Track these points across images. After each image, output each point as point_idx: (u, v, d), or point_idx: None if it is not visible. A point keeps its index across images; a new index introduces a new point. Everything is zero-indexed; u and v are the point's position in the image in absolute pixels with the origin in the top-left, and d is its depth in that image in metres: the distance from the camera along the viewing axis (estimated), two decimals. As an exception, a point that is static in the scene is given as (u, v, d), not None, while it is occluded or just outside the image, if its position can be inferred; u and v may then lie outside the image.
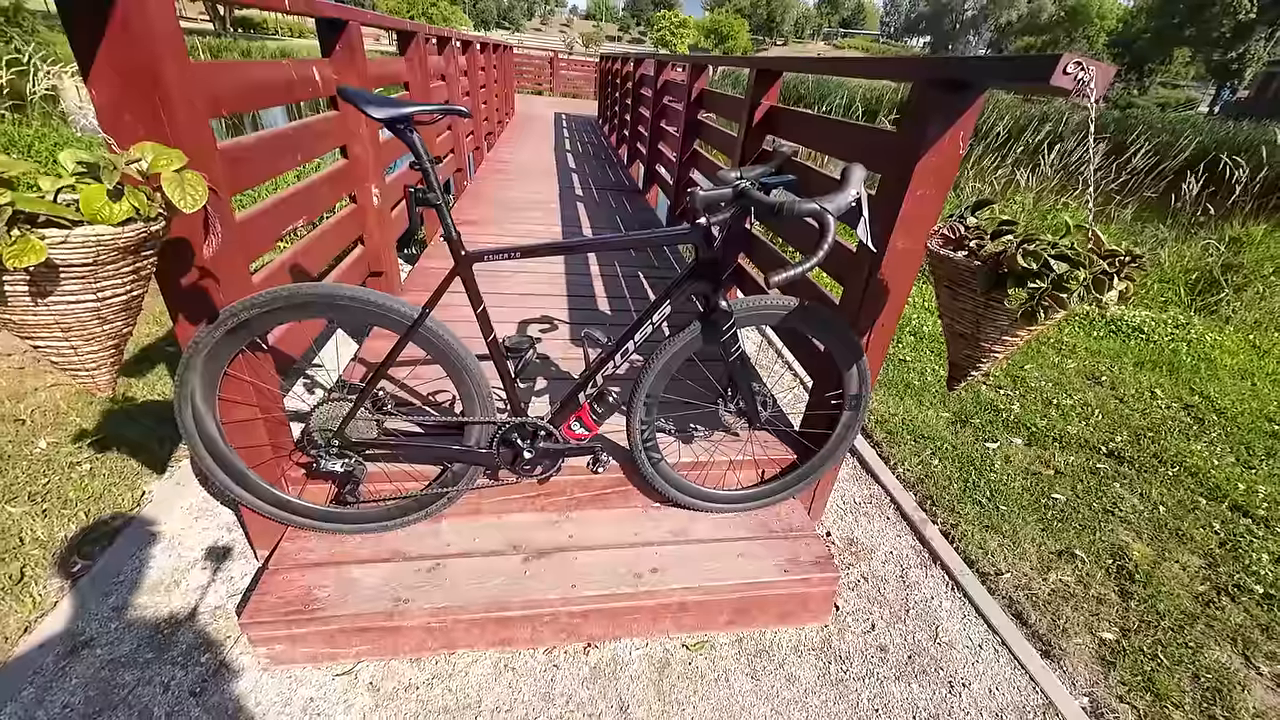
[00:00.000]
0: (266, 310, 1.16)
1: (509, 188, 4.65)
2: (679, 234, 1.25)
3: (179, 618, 1.45)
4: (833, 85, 15.34)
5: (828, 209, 1.03)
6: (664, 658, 1.47)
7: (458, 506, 1.56)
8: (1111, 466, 2.39)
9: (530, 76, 16.22)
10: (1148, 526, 2.08)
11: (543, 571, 1.44)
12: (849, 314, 1.53)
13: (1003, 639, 1.62)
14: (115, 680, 1.30)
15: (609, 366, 1.37)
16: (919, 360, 3.13)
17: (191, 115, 1.06)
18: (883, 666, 1.52)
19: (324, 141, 1.85)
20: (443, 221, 1.17)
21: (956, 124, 1.25)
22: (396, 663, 1.38)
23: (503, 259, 1.21)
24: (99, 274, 0.79)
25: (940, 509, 2.08)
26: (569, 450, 1.45)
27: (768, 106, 2.29)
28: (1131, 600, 1.77)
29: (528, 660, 1.43)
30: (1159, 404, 2.92)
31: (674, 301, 1.33)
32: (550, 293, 2.70)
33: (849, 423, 1.58)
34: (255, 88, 1.40)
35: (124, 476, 1.83)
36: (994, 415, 2.66)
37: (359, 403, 1.28)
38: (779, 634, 1.56)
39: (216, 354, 1.19)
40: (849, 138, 1.69)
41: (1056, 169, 5.74)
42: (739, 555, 1.55)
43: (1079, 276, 0.89)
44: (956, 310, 1.11)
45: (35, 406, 2.05)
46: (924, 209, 1.34)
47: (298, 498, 1.43)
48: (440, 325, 1.25)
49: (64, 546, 1.59)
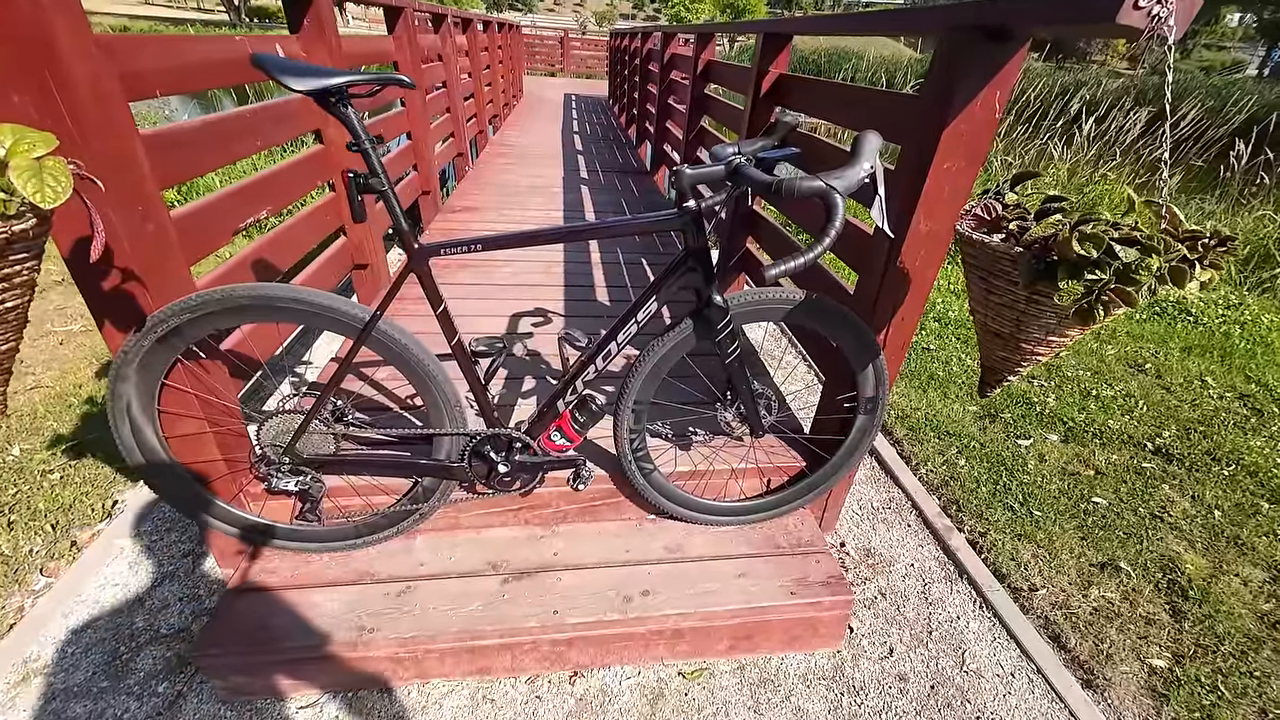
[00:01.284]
0: (198, 315, 1.03)
1: (511, 172, 4.49)
2: (663, 219, 1.08)
3: (139, 641, 1.36)
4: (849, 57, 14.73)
5: (835, 187, 0.85)
6: (658, 688, 1.34)
7: (434, 521, 1.44)
8: (1159, 465, 2.17)
9: (543, 57, 15.91)
10: (1202, 534, 1.88)
11: (522, 595, 1.32)
12: (864, 306, 1.36)
13: (1038, 666, 1.45)
14: (65, 713, 1.21)
15: (589, 371, 1.22)
16: (944, 349, 2.92)
17: (98, 95, 0.93)
18: (901, 699, 1.37)
19: (290, 125, 1.71)
20: (390, 211, 1.03)
21: (993, 82, 1.05)
22: (366, 694, 1.28)
23: (461, 252, 1.06)
24: (-50, 284, 0.66)
25: (967, 515, 1.90)
26: (549, 463, 1.31)
27: (776, 75, 2.09)
28: (1185, 621, 1.59)
29: (508, 690, 1.31)
30: (1210, 394, 2.67)
31: (661, 297, 1.17)
32: (545, 283, 2.55)
33: (864, 428, 1.41)
34: (195, 66, 1.26)
35: (96, 485, 1.75)
36: (1026, 409, 2.45)
37: (311, 415, 1.15)
38: (785, 661, 1.42)
39: (149, 363, 1.07)
40: (865, 104, 1.49)
41: (1093, 140, 5.36)
42: (740, 575, 1.40)
43: (1151, 265, 0.71)
44: (992, 305, 0.93)
45: (13, 411, 1.99)
46: (952, 185, 1.15)
47: (258, 515, 1.32)
48: (397, 328, 1.12)
49: (29, 561, 1.51)
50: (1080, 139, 5.25)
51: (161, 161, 1.11)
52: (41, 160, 0.68)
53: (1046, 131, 5.70)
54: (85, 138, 0.90)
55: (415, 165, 3.21)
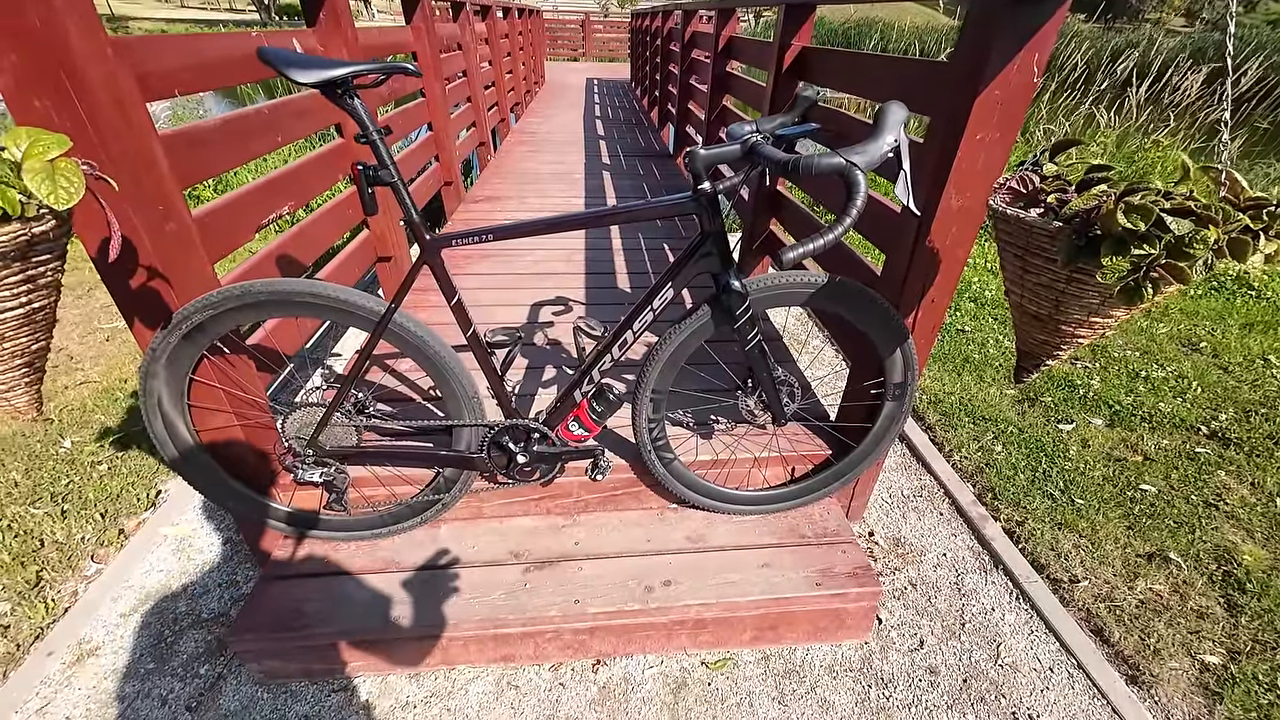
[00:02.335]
0: (220, 311, 1.05)
1: (533, 159, 4.48)
2: (677, 203, 1.05)
3: (183, 625, 1.42)
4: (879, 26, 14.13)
5: (856, 163, 0.80)
6: (681, 677, 1.33)
7: (457, 510, 1.46)
8: (1214, 450, 2.05)
9: (565, 42, 15.78)
10: (1261, 523, 1.76)
11: (544, 584, 1.32)
12: (892, 288, 1.30)
13: (1078, 661, 1.39)
14: (116, 692, 1.28)
15: (606, 360, 1.21)
16: (980, 330, 2.81)
17: (115, 97, 0.94)
18: (932, 693, 1.33)
19: (310, 119, 1.72)
20: (400, 202, 1.02)
21: (1030, 44, 0.98)
22: (394, 678, 1.31)
23: (472, 242, 1.05)
24: (-24, 287, 0.68)
25: (1003, 503, 1.83)
26: (567, 453, 1.30)
27: (799, 49, 2.01)
28: (1241, 615, 1.50)
29: (532, 677, 1.32)
30: (1274, 374, 2.50)
31: (678, 283, 1.14)
32: (566, 270, 2.54)
33: (892, 415, 1.36)
34: (211, 64, 1.27)
35: (141, 475, 1.82)
36: (1069, 392, 2.34)
37: (332, 409, 1.17)
38: (811, 652, 1.39)
39: (177, 359, 1.10)
40: (891, 74, 1.42)
41: (1145, 104, 5.02)
42: (763, 565, 1.38)
43: (1207, 238, 0.65)
44: (1029, 285, 0.87)
45: (64, 406, 2.09)
46: (986, 156, 1.08)
47: (287, 505, 1.35)
48: (413, 320, 1.12)
49: (81, 548, 1.59)
50: (1130, 104, 4.93)
51: (181, 161, 1.13)
52: (54, 162, 0.69)
53: (1094, 97, 5.37)
54: (104, 139, 0.91)
55: (437, 156, 3.23)
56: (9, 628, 1.39)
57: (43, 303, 0.77)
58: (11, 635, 1.37)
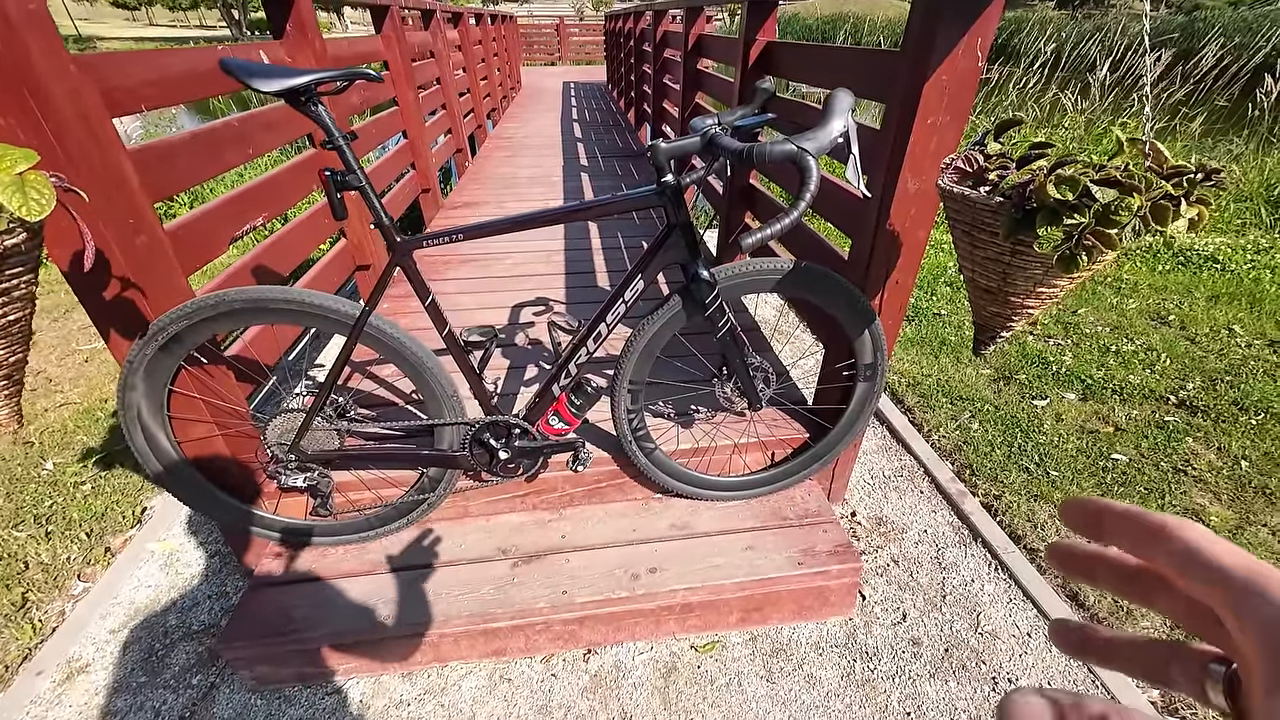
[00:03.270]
0: (195, 321, 1.06)
1: (511, 164, 4.49)
2: (643, 196, 1.08)
3: (174, 638, 1.42)
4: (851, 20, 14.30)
5: (806, 148, 0.84)
6: (670, 662, 1.36)
7: (443, 510, 1.47)
8: (1183, 419, 2.11)
9: (540, 47, 15.78)
10: (1227, 486, 1.82)
11: (532, 577, 1.34)
12: (858, 271, 1.34)
13: (1055, 625, 1.43)
14: (109, 707, 1.28)
15: (581, 354, 1.23)
16: (955, 313, 2.86)
17: (79, 112, 0.95)
18: (916, 663, 1.37)
19: (280, 131, 1.73)
20: (370, 206, 1.04)
21: (973, 28, 1.02)
22: (387, 678, 1.32)
23: (443, 243, 1.07)
24: (-52, 302, 0.69)
25: (981, 479, 1.88)
26: (549, 447, 1.33)
27: (764, 43, 2.04)
28: (1210, 574, 1.55)
29: (524, 670, 1.34)
30: (1238, 343, 2.58)
31: (648, 275, 1.17)
32: (546, 271, 2.56)
33: (865, 396, 1.40)
34: (176, 79, 1.28)
35: (125, 494, 1.82)
36: (1042, 369, 2.39)
37: (312, 413, 1.18)
38: (797, 630, 1.43)
39: (154, 371, 1.11)
40: (849, 63, 1.46)
41: (1110, 87, 5.13)
42: (747, 548, 1.41)
43: (1131, 205, 0.68)
44: (978, 260, 0.91)
45: (44, 428, 2.07)
46: (938, 141, 1.12)
47: (272, 513, 1.36)
48: (388, 323, 1.13)
49: (66, 569, 1.59)
50: (1095, 88, 5.03)
51: (151, 175, 1.13)
52: (24, 175, 0.70)
53: (1059, 82, 5.48)
54: (70, 155, 0.93)
55: (413, 163, 3.23)
56: (-3, 650, 1.39)
57: (17, 315, 0.78)
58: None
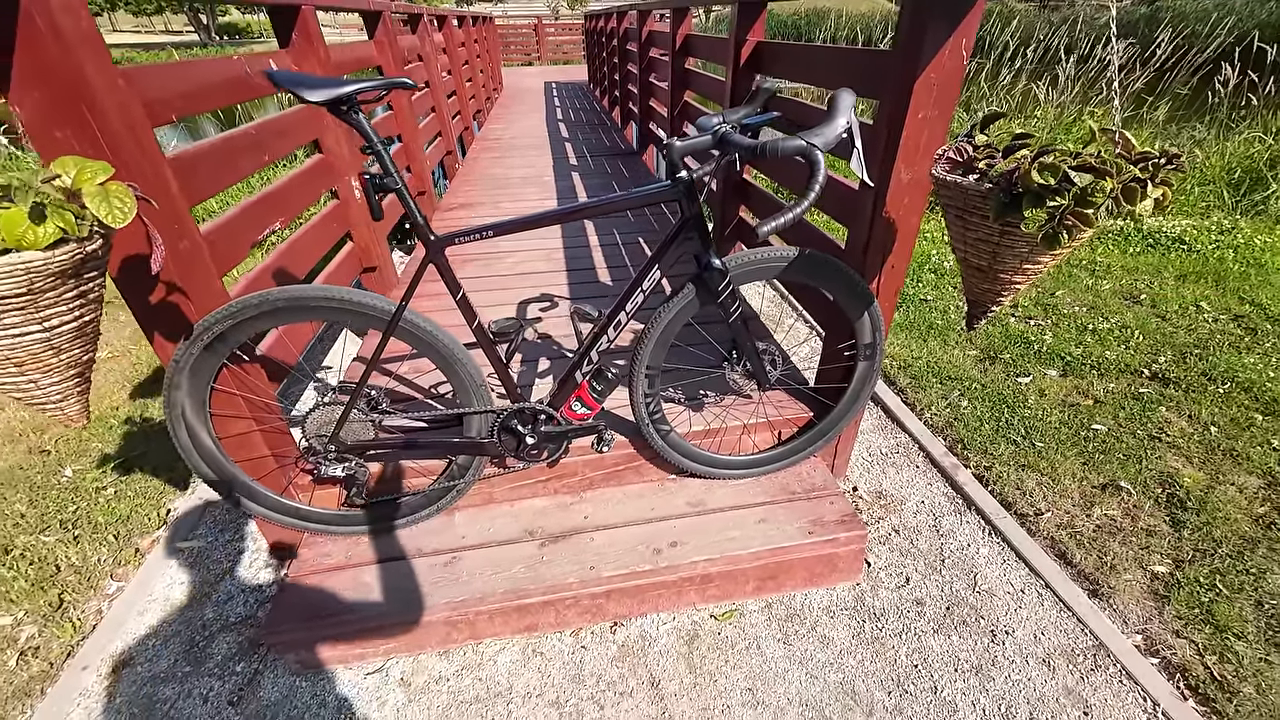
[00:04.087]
0: (239, 320, 1.12)
1: (501, 165, 4.54)
2: (658, 191, 1.15)
3: (212, 630, 1.47)
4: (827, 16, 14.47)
5: (815, 144, 0.92)
6: (692, 630, 1.44)
7: (470, 497, 1.54)
8: (1156, 390, 2.25)
9: (518, 48, 15.76)
10: (1198, 450, 1.96)
11: (559, 556, 1.42)
12: (855, 258, 1.43)
13: (1046, 581, 1.55)
14: (156, 696, 1.33)
15: (603, 341, 1.31)
16: (941, 299, 2.99)
17: (128, 123, 1.00)
18: (920, 620, 1.47)
19: (291, 138, 1.78)
20: (405, 206, 1.10)
21: (958, 29, 1.11)
22: (425, 657, 1.39)
23: (474, 239, 1.14)
24: (39, 303, 0.75)
25: (972, 452, 1.99)
26: (572, 431, 1.40)
27: (754, 43, 2.13)
28: (1184, 530, 1.68)
29: (555, 644, 1.42)
30: (1205, 318, 2.73)
31: (663, 265, 1.25)
32: (547, 269, 2.63)
33: (865, 374, 1.49)
34: (203, 88, 1.33)
35: (148, 497, 1.86)
36: (1025, 348, 2.52)
37: (350, 405, 1.24)
38: (809, 596, 1.52)
39: (199, 370, 1.16)
40: (841, 63, 1.55)
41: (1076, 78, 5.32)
42: (760, 521, 1.50)
43: (1105, 187, 0.78)
44: (970, 241, 1.01)
45: (58, 437, 2.09)
46: (928, 133, 1.22)
47: (307, 504, 1.42)
48: (421, 317, 1.20)
49: (98, 570, 1.63)
50: (1063, 79, 5.22)
51: (186, 181, 1.19)
52: (105, 185, 0.76)
53: (1030, 75, 5.66)
54: (124, 164, 0.98)
55: (408, 167, 3.27)
56: (39, 649, 1.43)
57: (91, 316, 0.84)
58: (43, 655, 1.41)
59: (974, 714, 1.28)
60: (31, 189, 0.69)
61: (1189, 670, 1.34)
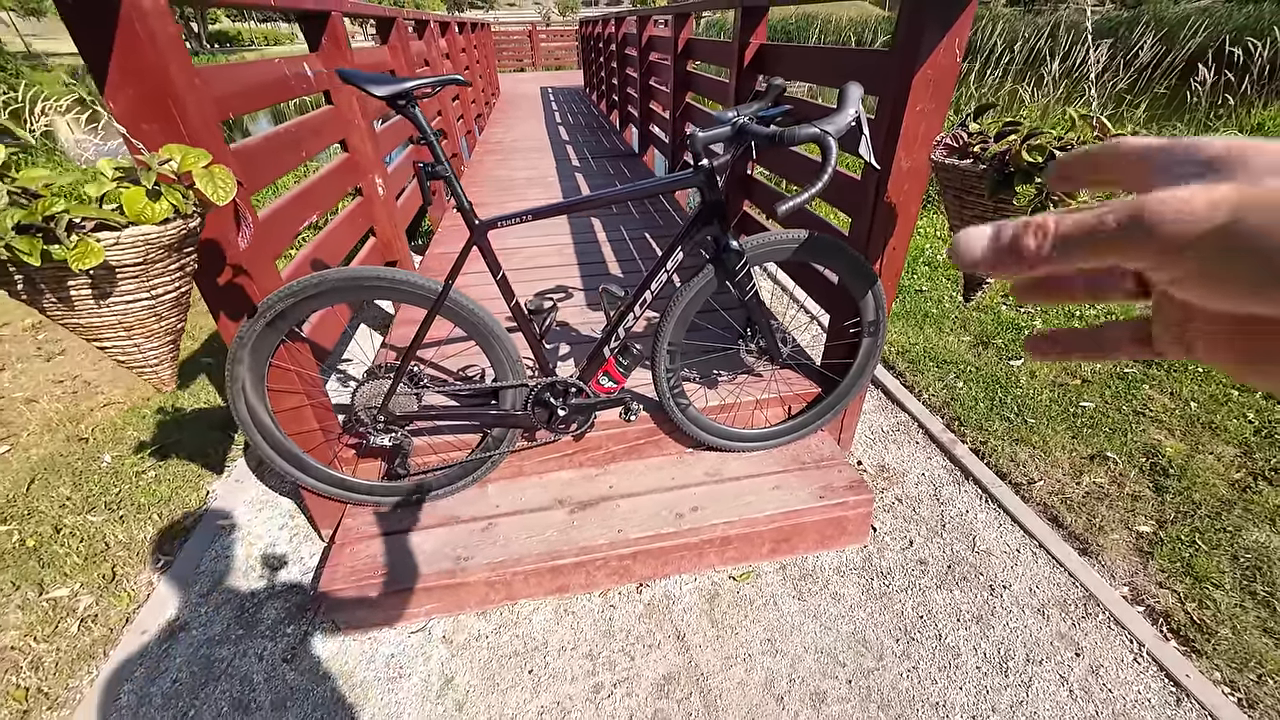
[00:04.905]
0: (301, 299, 1.22)
1: (505, 167, 4.64)
2: (684, 178, 1.26)
3: (260, 597, 1.56)
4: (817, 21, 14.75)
5: (828, 131, 1.04)
6: (712, 590, 1.54)
7: (501, 470, 1.64)
8: (1140, 370, 2.38)
9: (511, 54, 15.89)
10: (1180, 424, 2.08)
11: (589, 521, 1.52)
12: (859, 241, 1.54)
13: (1039, 542, 1.66)
14: (214, 656, 1.42)
15: (629, 319, 1.41)
16: (935, 289, 3.12)
17: (203, 119, 1.10)
18: (924, 578, 1.58)
19: (322, 137, 1.88)
20: (453, 193, 1.21)
21: (952, 31, 1.23)
22: (464, 617, 1.48)
23: (515, 223, 1.24)
24: (150, 272, 0.85)
25: (968, 428, 2.11)
26: (600, 404, 1.51)
27: (757, 46, 2.25)
28: (1166, 494, 1.80)
29: (585, 603, 1.51)
30: (1185, 304, 2.87)
31: (686, 247, 1.36)
32: (560, 262, 2.74)
33: (869, 350, 1.61)
34: (255, 88, 1.43)
35: (187, 480, 1.94)
36: (1015, 334, 2.65)
37: (398, 377, 1.34)
38: (820, 558, 1.63)
39: (260, 346, 1.26)
40: (843, 63, 1.67)
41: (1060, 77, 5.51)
42: (774, 488, 1.61)
43: (1085, 164, 0.90)
44: (967, 219, 1.12)
45: (94, 425, 2.17)
46: (926, 125, 1.33)
47: (352, 476, 1.51)
48: (464, 296, 1.30)
49: (146, 546, 1.71)
50: (1048, 80, 5.40)
51: (246, 172, 1.29)
52: (209, 168, 0.86)
53: (1015, 76, 5.85)
54: (203, 154, 1.08)
55: (419, 168, 3.37)
56: (97, 616, 1.51)
57: (186, 287, 0.94)
58: (102, 622, 1.49)
59: (975, 657, 1.39)
60: (153, 171, 0.79)
61: (1171, 616, 1.46)
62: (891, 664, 1.38)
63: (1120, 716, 1.26)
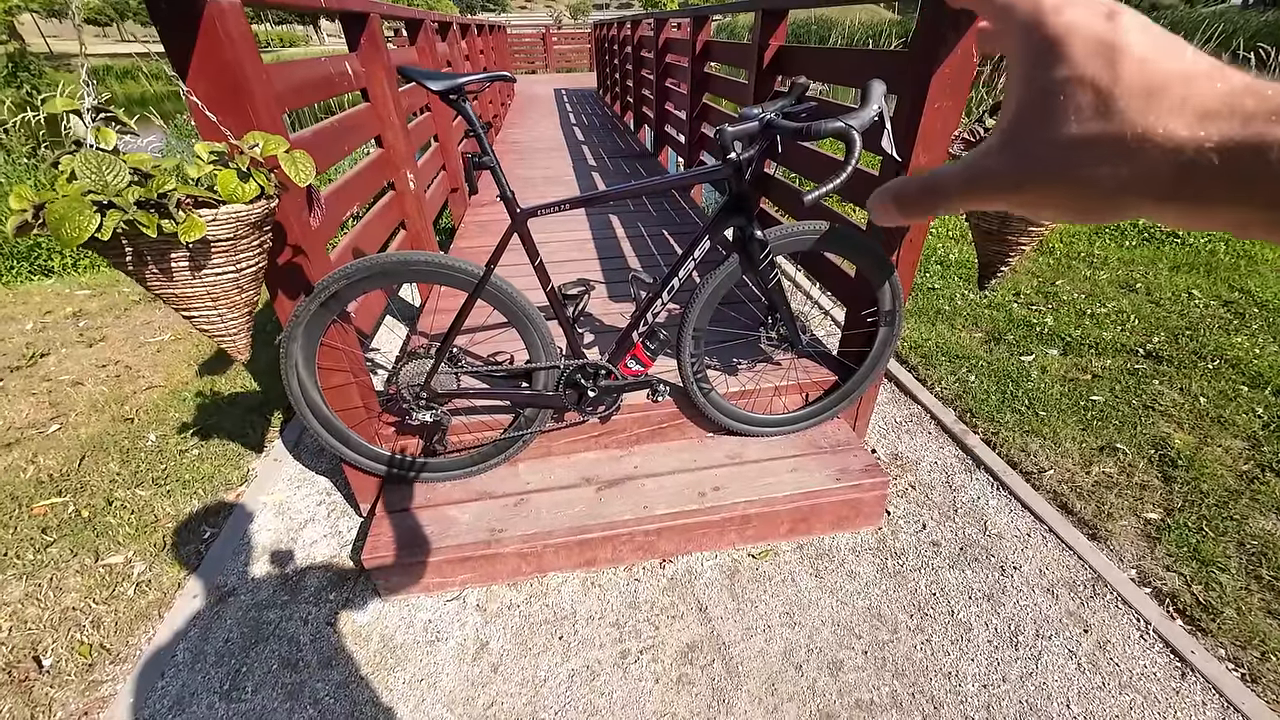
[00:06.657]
0: (354, 280, 1.30)
1: (523, 166, 4.74)
2: (714, 170, 1.34)
3: (303, 567, 1.64)
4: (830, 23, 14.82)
5: (852, 125, 1.11)
6: (733, 566, 1.61)
7: (530, 450, 1.72)
8: (1150, 366, 2.42)
9: (523, 56, 16.05)
10: (1189, 417, 2.13)
11: (615, 498, 1.59)
12: (877, 234, 1.61)
13: (1049, 526, 1.72)
14: (262, 619, 1.50)
15: (657, 305, 1.49)
16: (947, 287, 3.17)
17: (269, 110, 1.19)
18: (937, 558, 1.64)
19: (361, 132, 1.97)
20: (497, 181, 1.29)
21: (968, 34, 1.30)
22: (497, 587, 1.56)
23: (554, 211, 1.32)
24: (237, 247, 0.93)
25: (980, 420, 2.16)
26: (628, 386, 1.58)
27: (776, 48, 2.32)
28: (1174, 484, 1.85)
29: (611, 577, 1.59)
30: (1197, 303, 2.91)
31: (714, 236, 1.43)
32: (581, 257, 2.81)
33: (885, 339, 1.67)
34: (306, 84, 1.52)
35: (228, 459, 2.03)
36: (1027, 330, 2.70)
37: (440, 356, 1.42)
38: (836, 539, 1.69)
39: (313, 326, 1.34)
40: (865, 63, 1.74)
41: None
42: (792, 470, 1.67)
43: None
44: (981, 211, 1.19)
45: (138, 407, 2.27)
46: (943, 121, 1.40)
47: (392, 452, 1.59)
48: (504, 280, 1.38)
49: (192, 518, 1.80)
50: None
51: (302, 163, 1.37)
52: (290, 152, 0.94)
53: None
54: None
55: (444, 166, 3.47)
56: (150, 581, 1.60)
57: (264, 263, 1.02)
58: (155, 586, 1.58)
59: (986, 632, 1.44)
60: (245, 154, 0.87)
61: (1178, 597, 1.51)
62: (905, 636, 1.44)
63: (1126, 687, 1.32)
